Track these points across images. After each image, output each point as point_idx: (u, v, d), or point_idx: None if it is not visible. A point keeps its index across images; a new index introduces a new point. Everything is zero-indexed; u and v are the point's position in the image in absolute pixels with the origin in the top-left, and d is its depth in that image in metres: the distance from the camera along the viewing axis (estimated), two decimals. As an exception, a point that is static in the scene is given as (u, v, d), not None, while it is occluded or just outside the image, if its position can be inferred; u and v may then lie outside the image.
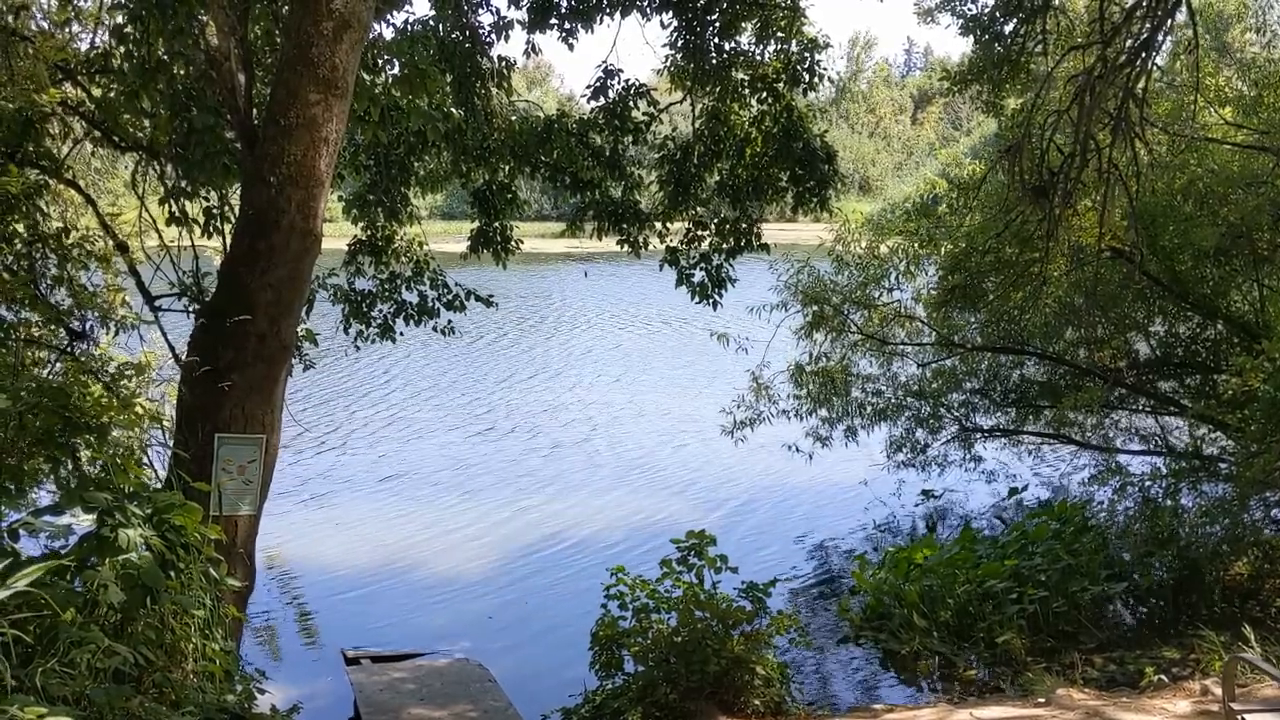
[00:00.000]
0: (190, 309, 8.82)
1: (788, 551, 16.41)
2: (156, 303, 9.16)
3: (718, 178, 13.32)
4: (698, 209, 13.40)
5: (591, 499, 19.06)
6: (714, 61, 12.82)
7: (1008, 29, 12.93)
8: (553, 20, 12.45)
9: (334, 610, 14.01)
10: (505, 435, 23.85)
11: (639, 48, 15.71)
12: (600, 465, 21.49)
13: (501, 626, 13.56)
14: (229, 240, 7.77)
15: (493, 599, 14.42)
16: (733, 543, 14.97)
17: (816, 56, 12.66)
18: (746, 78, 12.93)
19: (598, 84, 12.91)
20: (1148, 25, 10.23)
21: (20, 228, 8.92)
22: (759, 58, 12.91)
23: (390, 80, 9.09)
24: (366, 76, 8.57)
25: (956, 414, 17.76)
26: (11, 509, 5.34)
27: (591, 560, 15.56)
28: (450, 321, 13.03)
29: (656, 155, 13.42)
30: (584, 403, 27.38)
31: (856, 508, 18.30)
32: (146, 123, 9.31)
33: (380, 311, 12.86)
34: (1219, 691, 8.58)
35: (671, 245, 13.40)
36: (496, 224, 13.38)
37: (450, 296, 12.98)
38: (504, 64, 12.74)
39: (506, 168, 13.11)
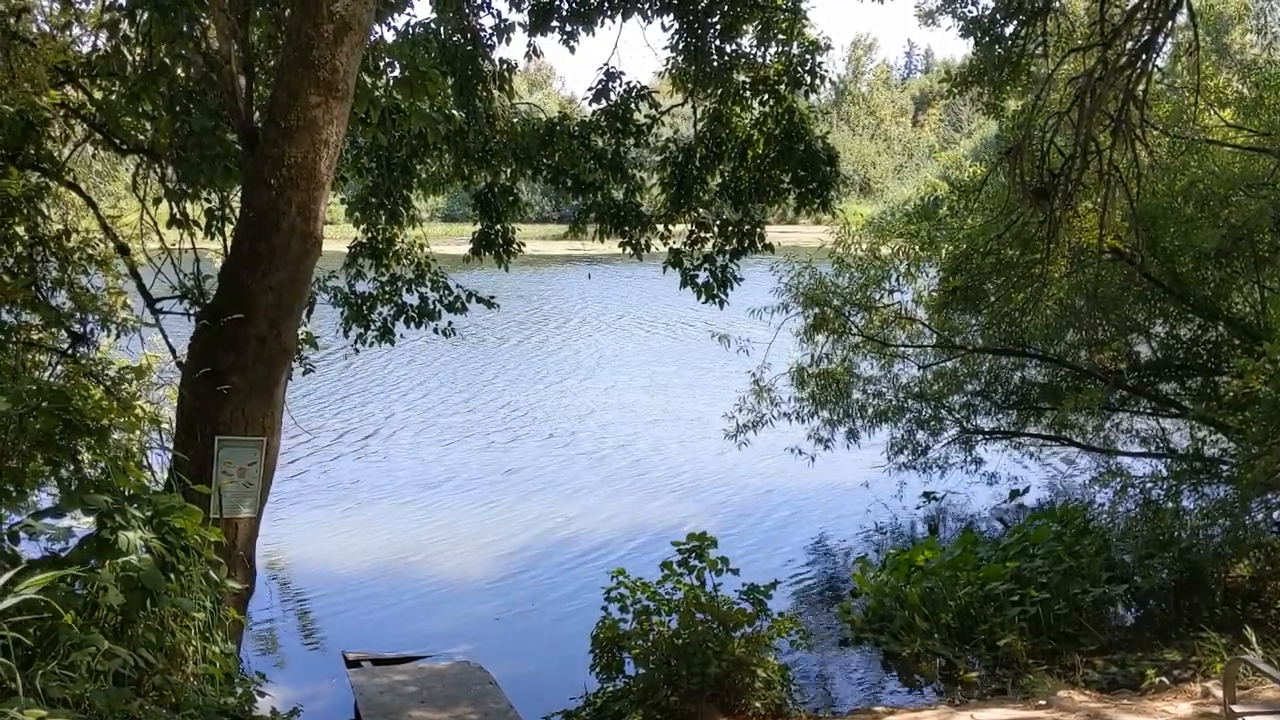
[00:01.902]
0: (191, 311, 8.84)
1: (789, 553, 16.41)
2: (157, 305, 9.16)
3: (720, 180, 13.31)
4: (700, 211, 13.40)
5: (592, 501, 19.06)
6: (715, 64, 12.82)
7: (1008, 31, 12.92)
8: (554, 23, 12.44)
9: (334, 613, 14.02)
10: (506, 439, 23.84)
11: (640, 50, 15.61)
12: (601, 468, 21.48)
13: (503, 629, 13.56)
14: (230, 242, 7.77)
15: (493, 602, 14.42)
16: (734, 545, 14.96)
17: (817, 58, 12.66)
18: (748, 80, 12.93)
19: (599, 86, 12.91)
20: (1148, 27, 10.24)
21: (21, 230, 8.94)
22: (760, 60, 12.90)
23: (391, 83, 9.09)
24: (367, 79, 8.57)
25: (957, 416, 17.76)
26: (12, 511, 5.34)
27: (592, 563, 15.57)
28: (450, 324, 13.02)
29: (658, 157, 13.41)
30: (585, 405, 27.39)
31: (858, 510, 18.29)
32: (147, 125, 9.32)
33: (380, 314, 12.85)
34: (1220, 694, 8.56)
35: (675, 247, 13.39)
36: (498, 226, 13.38)
37: (451, 299, 12.97)
38: (505, 66, 12.75)
39: (508, 170, 13.11)
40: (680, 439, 23.58)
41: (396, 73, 9.12)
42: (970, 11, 13.40)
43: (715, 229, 13.27)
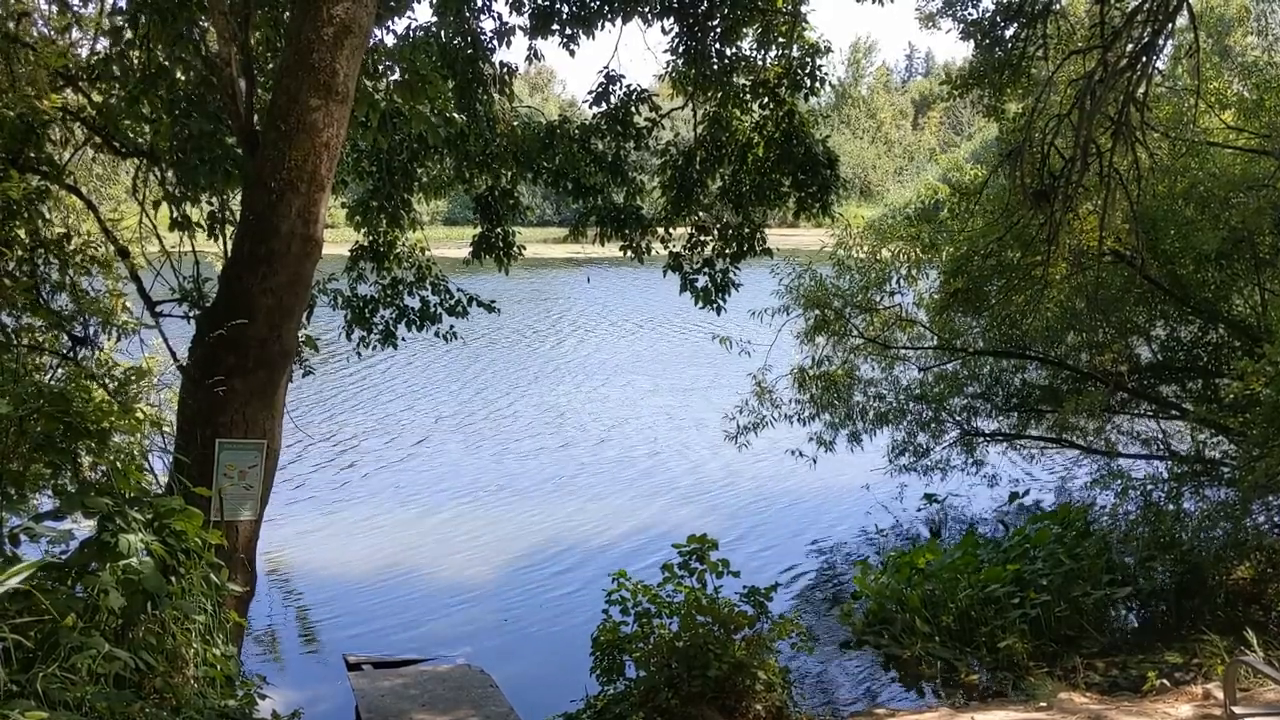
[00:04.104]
0: (191, 314, 8.84)
1: (790, 556, 16.40)
2: (158, 308, 9.17)
3: (720, 183, 13.31)
4: (700, 214, 13.40)
5: (594, 504, 19.06)
6: (715, 67, 12.82)
7: (1008, 33, 12.94)
8: (554, 26, 12.44)
9: (335, 616, 14.01)
10: (507, 442, 23.84)
11: (641, 53, 15.64)
12: (602, 470, 21.49)
13: (504, 632, 13.56)
14: (230, 245, 7.77)
15: (495, 605, 14.42)
16: (735, 547, 14.97)
17: (818, 61, 12.66)
18: (748, 83, 12.94)
19: (600, 89, 12.91)
20: (1148, 29, 10.26)
21: (22, 233, 8.94)
22: (760, 63, 12.91)
23: (391, 86, 9.10)
24: (368, 82, 8.57)
25: (958, 418, 17.75)
26: (12, 514, 5.34)
27: (594, 565, 15.57)
28: (452, 327, 13.01)
29: (659, 160, 13.42)
30: (586, 408, 27.40)
31: (859, 512, 18.29)
32: (147, 128, 9.33)
33: (382, 317, 12.84)
34: (1221, 695, 8.56)
35: (674, 251, 13.38)
36: (499, 229, 13.37)
37: (452, 302, 12.96)
38: (506, 70, 12.75)
39: (509, 173, 13.10)
40: (682, 442, 23.59)
41: (397, 76, 9.12)
42: (971, 14, 13.42)
43: (715, 233, 13.27)
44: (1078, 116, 10.26)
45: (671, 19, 12.67)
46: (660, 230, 13.36)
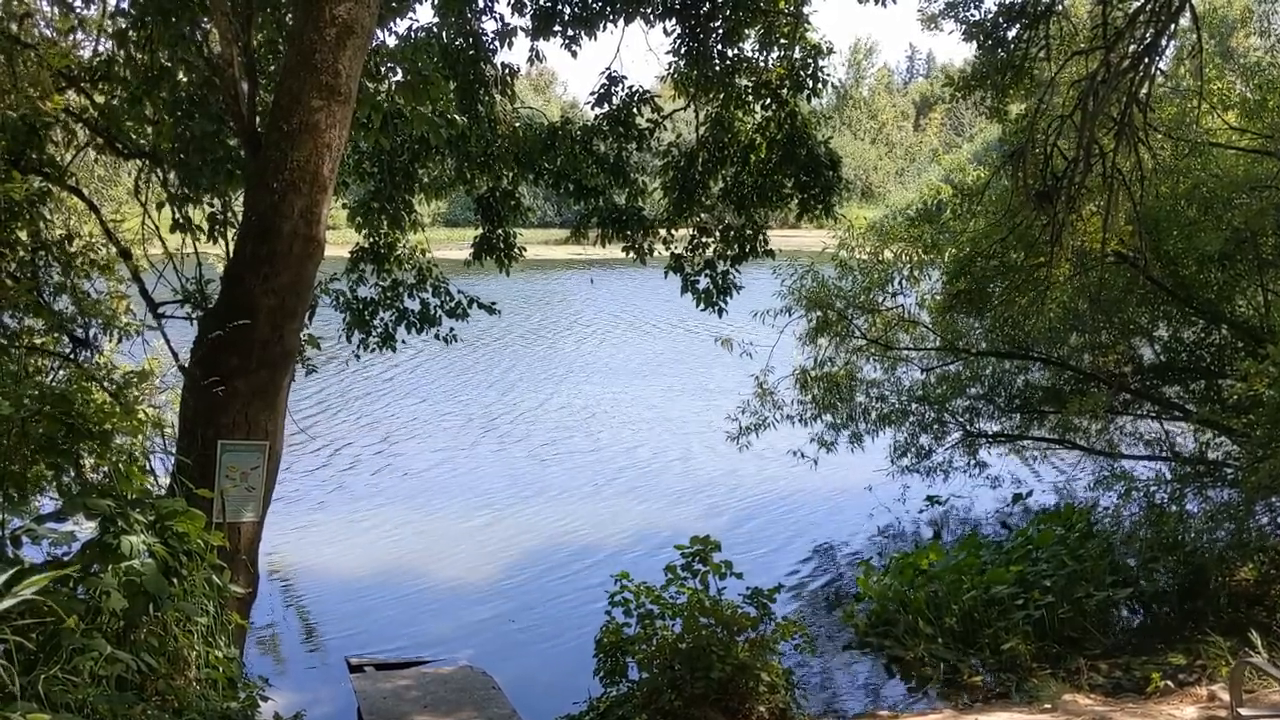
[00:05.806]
0: (193, 315, 8.84)
1: (793, 557, 16.39)
2: (160, 309, 9.17)
3: (722, 184, 13.30)
4: (702, 215, 13.38)
5: (596, 506, 19.04)
6: (717, 68, 12.82)
7: (1010, 34, 12.91)
8: (556, 27, 12.44)
9: (338, 617, 13.99)
10: (511, 443, 23.83)
11: (643, 55, 15.68)
12: (605, 472, 21.47)
13: (506, 633, 13.54)
14: (231, 247, 7.76)
15: (497, 606, 14.40)
16: (738, 548, 14.92)
17: (820, 62, 12.65)
18: (750, 84, 12.92)
19: (601, 90, 12.90)
20: (1151, 30, 10.25)
21: (24, 234, 8.96)
22: (762, 64, 12.90)
23: (393, 87, 9.09)
24: (370, 83, 8.57)
25: (961, 419, 17.73)
26: (14, 516, 5.33)
27: (597, 567, 15.54)
28: (452, 329, 12.99)
29: (660, 162, 13.41)
30: (588, 409, 27.37)
31: (861, 513, 18.27)
32: (149, 130, 9.33)
33: (382, 320, 12.81)
34: (1226, 697, 8.55)
35: (675, 252, 13.37)
36: (500, 231, 13.36)
37: (452, 304, 12.93)
38: (507, 71, 12.74)
39: (510, 174, 13.10)
40: (684, 444, 23.57)
41: (399, 77, 9.12)
42: (973, 15, 13.38)
43: (717, 234, 13.26)
44: (1080, 117, 10.25)
45: (674, 20, 12.67)
46: (662, 231, 13.34)
